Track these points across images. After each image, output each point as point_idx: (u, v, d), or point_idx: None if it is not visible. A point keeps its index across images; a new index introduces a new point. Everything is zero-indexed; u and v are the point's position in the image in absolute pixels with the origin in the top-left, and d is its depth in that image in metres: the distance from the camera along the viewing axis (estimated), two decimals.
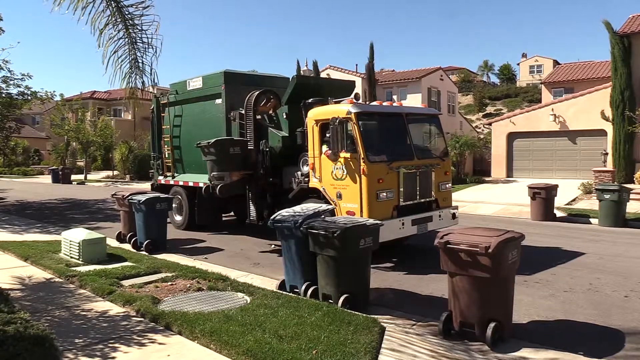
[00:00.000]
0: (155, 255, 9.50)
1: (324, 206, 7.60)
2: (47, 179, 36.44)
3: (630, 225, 13.19)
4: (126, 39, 6.33)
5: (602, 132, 22.82)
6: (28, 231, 12.86)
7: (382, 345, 5.10)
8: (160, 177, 13.98)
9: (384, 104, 10.05)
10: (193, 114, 12.73)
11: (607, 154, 22.37)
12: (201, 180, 12.08)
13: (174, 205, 12.90)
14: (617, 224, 13.11)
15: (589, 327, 5.97)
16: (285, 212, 7.29)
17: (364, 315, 5.89)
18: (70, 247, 9.11)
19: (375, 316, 5.89)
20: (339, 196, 9.01)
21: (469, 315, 5.30)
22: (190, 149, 12.58)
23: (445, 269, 5.47)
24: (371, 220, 6.75)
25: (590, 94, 23.87)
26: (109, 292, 6.78)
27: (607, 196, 13.20)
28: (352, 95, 10.16)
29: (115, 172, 36.75)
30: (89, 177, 36.04)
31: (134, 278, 7.71)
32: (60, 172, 34.11)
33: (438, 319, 5.50)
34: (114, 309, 6.24)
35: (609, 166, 21.51)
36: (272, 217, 7.27)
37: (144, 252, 9.89)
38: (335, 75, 32.40)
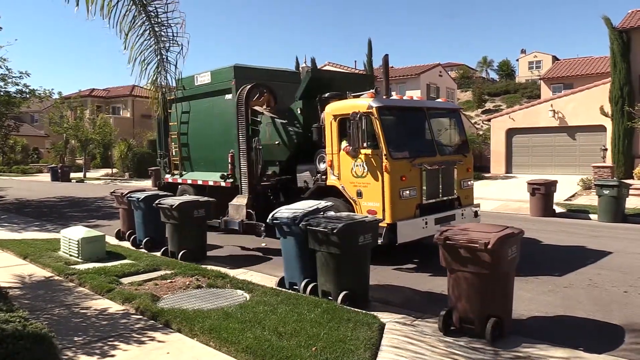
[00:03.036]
0: (154, 253, 9.48)
1: (323, 203, 7.56)
2: (46, 177, 36.42)
3: (629, 221, 13.18)
4: (152, 39, 6.33)
5: (601, 128, 22.81)
6: (27, 229, 12.85)
7: (382, 342, 5.08)
8: (168, 176, 13.60)
9: (404, 97, 9.66)
10: (201, 110, 12.33)
11: (606, 149, 22.37)
12: (211, 178, 11.88)
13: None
14: (617, 220, 13.11)
15: (588, 322, 5.97)
16: (284, 209, 7.28)
17: (364, 311, 5.88)
18: (69, 245, 9.09)
19: (375, 313, 5.89)
20: (359, 194, 8.68)
21: (468, 311, 5.29)
22: (198, 146, 12.48)
23: (444, 265, 5.47)
24: (370, 217, 6.74)
25: (590, 90, 23.86)
26: (108, 290, 6.77)
27: (606, 192, 13.20)
28: (373, 89, 9.73)
29: (114, 170, 36.75)
30: (88, 175, 36.04)
31: (133, 276, 7.70)
32: (59, 170, 34.10)
33: (438, 315, 5.50)
34: (113, 307, 6.23)
35: (608, 162, 21.51)
36: (271, 214, 7.26)
37: (143, 250, 9.88)
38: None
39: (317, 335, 5.04)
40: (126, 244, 10.48)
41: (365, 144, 8.45)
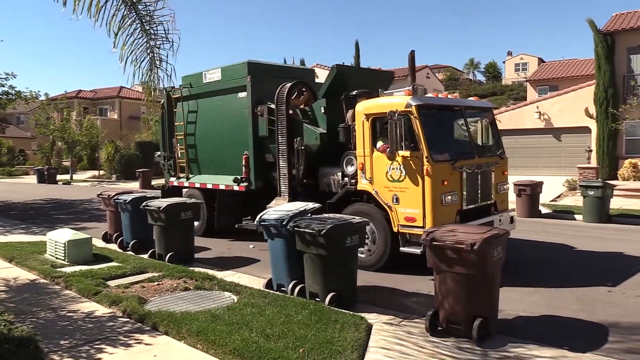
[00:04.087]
0: (141, 256, 9.43)
1: (310, 205, 7.58)
2: (32, 179, 36.10)
3: (613, 221, 13.35)
4: (142, 37, 6.29)
5: (586, 129, 23.07)
6: (12, 232, 12.72)
7: (370, 343, 5.12)
8: (173, 179, 12.80)
9: (440, 95, 9.20)
10: (211, 109, 11.65)
11: (591, 150, 22.64)
12: (222, 181, 11.26)
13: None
14: (601, 220, 13.27)
15: (573, 322, 6.04)
16: (271, 211, 7.29)
17: (351, 312, 5.91)
18: (55, 248, 9.02)
19: (362, 314, 5.91)
20: (396, 200, 8.04)
21: (455, 311, 5.33)
22: (207, 147, 11.85)
23: (431, 266, 5.51)
24: (357, 219, 6.76)
25: (575, 92, 24.13)
26: (95, 292, 6.73)
27: (591, 192, 13.36)
28: (410, 86, 9.08)
29: (102, 172, 36.51)
30: (75, 177, 35.74)
31: (120, 278, 7.66)
32: (45, 172, 33.84)
33: (425, 316, 5.53)
34: (100, 310, 6.20)
35: (593, 163, 21.76)
36: (258, 216, 7.26)
37: (130, 252, 9.82)
38: (322, 73, 32.37)
39: (304, 337, 5.06)
40: (113, 247, 10.42)
41: (403, 146, 7.87)
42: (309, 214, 7.14)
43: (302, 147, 9.61)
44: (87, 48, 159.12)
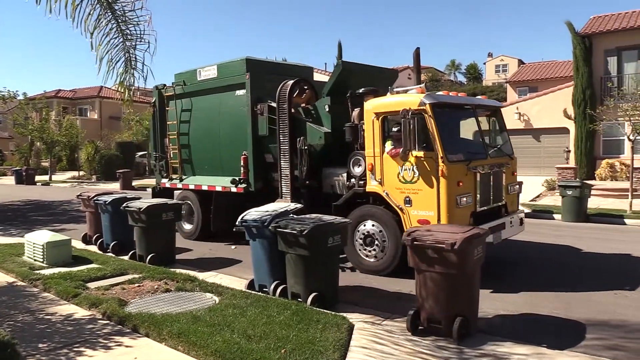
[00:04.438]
0: (122, 257, 9.34)
1: (292, 205, 7.58)
2: (10, 180, 35.49)
3: (591, 220, 13.59)
4: (118, 37, 6.23)
5: (564, 130, 23.41)
6: None
7: (351, 342, 5.13)
8: (164, 180, 12.33)
9: (450, 94, 8.92)
10: (206, 108, 11.18)
11: (569, 151, 22.98)
12: (218, 183, 10.85)
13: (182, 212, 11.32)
14: (579, 219, 13.49)
15: (552, 320, 6.13)
16: (253, 212, 7.27)
17: (333, 313, 5.92)
18: (34, 250, 8.89)
19: (344, 314, 5.93)
20: (408, 202, 7.76)
21: (435, 311, 5.38)
22: (202, 147, 11.41)
23: (412, 266, 5.55)
24: (339, 219, 6.78)
25: (554, 93, 24.49)
26: (74, 295, 6.64)
27: (569, 192, 13.58)
28: (423, 84, 8.80)
29: (81, 173, 36.01)
30: (54, 177, 35.25)
31: (100, 280, 7.57)
32: (23, 173, 33.30)
33: (406, 315, 5.57)
34: (80, 312, 6.12)
35: (572, 163, 22.11)
36: (240, 217, 7.24)
37: (110, 254, 9.72)
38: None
39: (286, 337, 5.06)
40: (93, 248, 10.30)
41: (416, 146, 7.63)
42: (291, 215, 7.14)
43: (305, 147, 9.26)
44: (67, 47, 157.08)
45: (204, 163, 11.52)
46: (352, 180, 8.65)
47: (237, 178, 10.26)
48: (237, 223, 7.25)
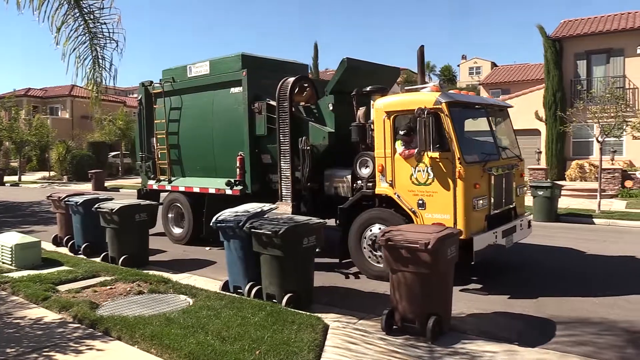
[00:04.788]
0: (93, 259, 9.18)
1: (267, 206, 7.55)
2: None
3: (561, 220, 13.88)
4: (86, 34, 6.11)
5: (536, 132, 23.83)
6: None
7: (326, 343, 5.14)
8: (151, 182, 11.78)
9: (461, 93, 8.68)
10: (197, 106, 10.70)
11: (540, 152, 23.42)
12: (211, 185, 10.35)
13: (169, 215, 11.42)
14: (550, 219, 13.75)
15: (524, 318, 6.23)
16: (227, 212, 7.23)
17: (308, 313, 5.93)
18: (1, 252, 8.69)
19: (319, 314, 5.94)
20: (421, 205, 7.43)
21: (410, 310, 5.42)
22: (193, 147, 10.89)
23: (387, 266, 5.59)
24: (314, 220, 6.78)
25: (525, 95, 24.91)
26: (44, 298, 6.50)
27: (540, 192, 13.84)
28: (438, 82, 8.58)
29: (52, 173, 35.26)
30: (24, 178, 34.48)
31: (70, 283, 7.43)
32: None
33: (381, 315, 5.61)
34: (50, 316, 6.00)
35: (543, 164, 22.54)
36: (215, 218, 7.19)
37: (82, 256, 9.55)
38: None
39: (261, 339, 5.04)
40: (64, 250, 10.11)
41: (431, 146, 7.28)
42: (266, 215, 7.12)
43: (308, 148, 8.86)
44: (38, 45, 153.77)
45: (195, 164, 11.02)
46: (359, 182, 8.32)
47: (232, 180, 9.86)
48: (210, 224, 7.20)
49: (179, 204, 11.19)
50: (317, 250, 6.74)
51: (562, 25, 24.70)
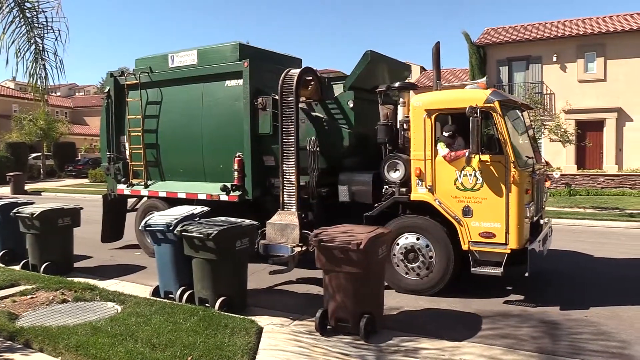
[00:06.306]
0: (12, 267, 8.67)
1: (198, 208, 7.42)
2: None
3: None
4: (24, 25, 5.74)
5: None
6: None
7: (260, 346, 5.14)
8: (123, 186, 10.27)
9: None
10: (182, 100, 9.44)
11: None
12: (201, 190, 9.12)
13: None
14: None
15: (452, 313, 6.47)
16: (157, 215, 7.05)
17: (242, 317, 5.88)
18: None
19: (253, 317, 5.91)
20: (467, 212, 6.80)
21: (343, 309, 5.50)
22: (177, 147, 9.55)
23: (320, 267, 5.64)
24: (247, 221, 6.72)
25: None
26: None
27: None
28: (483, 79, 7.93)
29: None
30: None
31: None
32: None
33: (314, 316, 5.65)
34: None
35: None
36: (144, 221, 6.99)
37: None
38: None
39: (193, 344, 4.95)
40: None
41: (480, 148, 6.66)
42: (197, 218, 7.00)
43: (317, 149, 8.00)
44: None
45: (178, 166, 9.71)
46: (389, 187, 7.52)
47: (228, 184, 8.64)
48: (139, 228, 6.98)
49: (155, 212, 9.66)
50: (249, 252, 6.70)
51: (486, 32, 25.89)
